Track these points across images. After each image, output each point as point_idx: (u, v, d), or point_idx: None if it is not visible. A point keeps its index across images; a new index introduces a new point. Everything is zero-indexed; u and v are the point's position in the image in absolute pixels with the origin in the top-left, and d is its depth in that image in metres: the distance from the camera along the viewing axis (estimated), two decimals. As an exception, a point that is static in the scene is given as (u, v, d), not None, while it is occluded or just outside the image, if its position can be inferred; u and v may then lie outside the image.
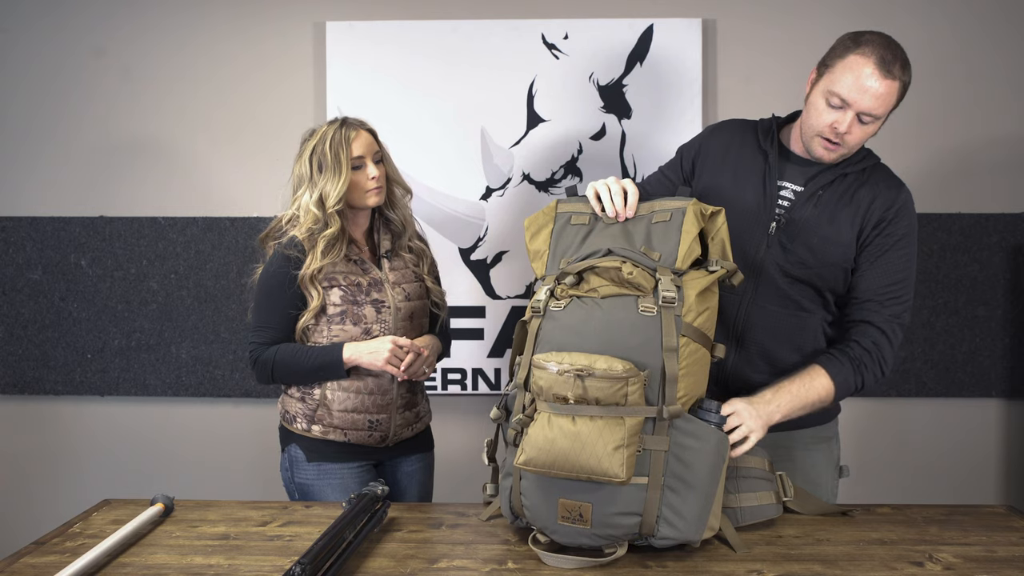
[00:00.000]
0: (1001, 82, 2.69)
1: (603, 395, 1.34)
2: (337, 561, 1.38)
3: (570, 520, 1.40)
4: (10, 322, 2.82)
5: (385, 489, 1.64)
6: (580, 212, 1.60)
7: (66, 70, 2.79)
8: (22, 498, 2.88)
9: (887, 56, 1.56)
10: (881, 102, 1.58)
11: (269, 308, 1.88)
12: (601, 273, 1.46)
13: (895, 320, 1.66)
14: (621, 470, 1.32)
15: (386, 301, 1.91)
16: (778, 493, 1.58)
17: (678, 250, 1.47)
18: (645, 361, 1.38)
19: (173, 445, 2.83)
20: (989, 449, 2.75)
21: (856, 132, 1.61)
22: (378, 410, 1.91)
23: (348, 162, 1.85)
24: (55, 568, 1.39)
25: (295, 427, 1.92)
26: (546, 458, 1.36)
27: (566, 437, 1.35)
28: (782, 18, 2.72)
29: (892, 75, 1.56)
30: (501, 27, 2.69)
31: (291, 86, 2.76)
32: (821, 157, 1.66)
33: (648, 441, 1.37)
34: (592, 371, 1.34)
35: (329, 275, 1.87)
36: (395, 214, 1.99)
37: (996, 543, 1.42)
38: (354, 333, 1.88)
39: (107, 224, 2.79)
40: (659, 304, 1.40)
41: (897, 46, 1.60)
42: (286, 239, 1.87)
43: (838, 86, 1.58)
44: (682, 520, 1.38)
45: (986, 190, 2.70)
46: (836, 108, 1.59)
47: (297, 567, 1.26)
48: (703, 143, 1.83)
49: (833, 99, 1.59)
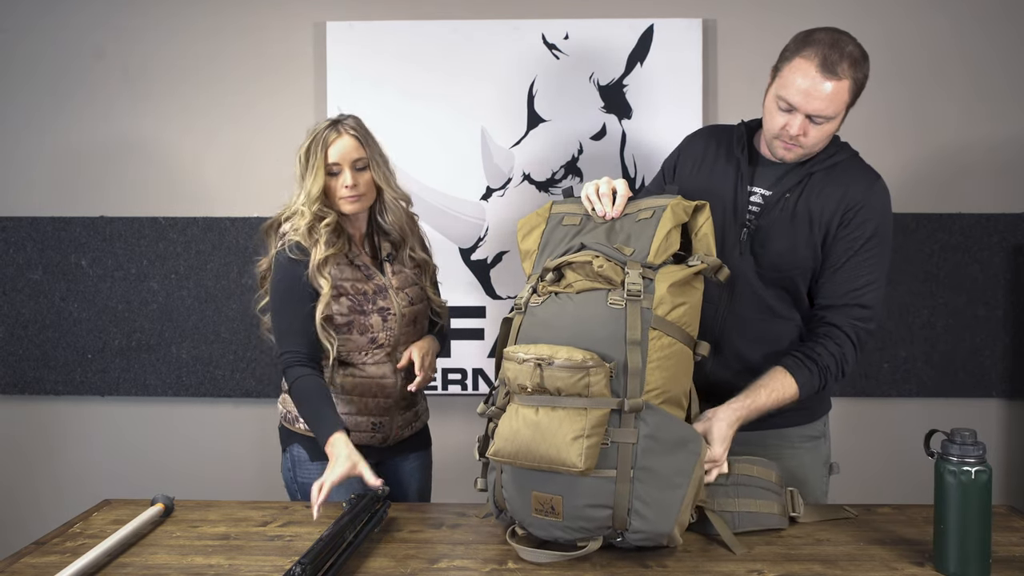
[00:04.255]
0: (1001, 82, 2.69)
1: (563, 384, 1.36)
2: (337, 561, 1.38)
3: (543, 513, 1.41)
4: (10, 322, 2.82)
5: (386, 489, 1.64)
6: (573, 213, 1.61)
7: (66, 70, 2.79)
8: (22, 498, 2.88)
9: (832, 56, 1.53)
10: (829, 103, 1.55)
11: (287, 314, 1.84)
12: (577, 268, 1.48)
13: (861, 326, 1.64)
14: (579, 460, 1.33)
15: (391, 308, 1.89)
16: (785, 507, 1.56)
17: (651, 245, 1.47)
18: (612, 354, 1.39)
19: (173, 445, 2.83)
20: (989, 449, 2.73)
21: (811, 133, 1.59)
22: (380, 412, 1.91)
23: (323, 167, 1.82)
24: (55, 568, 1.39)
25: (298, 427, 1.92)
26: (511, 448, 1.39)
27: (528, 427, 1.37)
28: (782, 18, 2.72)
29: (838, 75, 1.53)
30: (501, 27, 2.69)
31: (291, 86, 2.76)
32: (783, 158, 1.65)
33: (616, 434, 1.37)
34: (552, 360, 1.36)
35: (337, 282, 1.84)
36: (387, 220, 1.93)
37: (996, 543, 1.41)
38: (360, 343, 1.87)
39: (107, 224, 2.79)
40: (626, 297, 1.41)
41: (846, 43, 1.57)
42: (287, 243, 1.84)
43: (784, 90, 1.57)
44: (651, 510, 1.38)
45: (986, 190, 2.70)
46: (786, 111, 1.58)
47: (297, 567, 1.26)
48: (681, 153, 1.85)
49: (781, 103, 1.58)
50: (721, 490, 1.52)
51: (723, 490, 1.51)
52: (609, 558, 1.44)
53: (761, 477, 1.55)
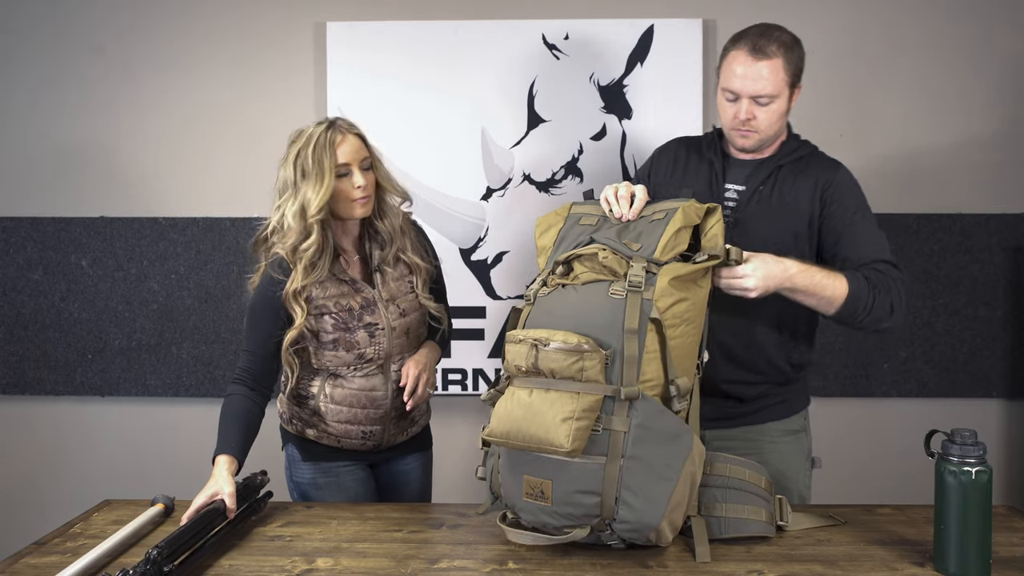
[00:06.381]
0: (1002, 82, 2.69)
1: (557, 367, 1.39)
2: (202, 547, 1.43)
3: (533, 497, 1.43)
4: (11, 322, 2.82)
5: (266, 479, 1.70)
6: (590, 214, 1.65)
7: (67, 70, 2.79)
8: (23, 498, 2.88)
9: (760, 42, 1.70)
10: (767, 82, 1.70)
11: (253, 332, 1.81)
12: (584, 261, 1.52)
13: (897, 274, 1.72)
14: (567, 441, 1.34)
15: (379, 323, 1.82)
16: (772, 514, 1.56)
17: (659, 242, 1.50)
18: (609, 341, 1.41)
19: (173, 445, 2.83)
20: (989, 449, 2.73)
21: (761, 115, 1.72)
22: (371, 422, 1.87)
23: (332, 169, 1.72)
24: (56, 568, 1.39)
25: (291, 427, 1.92)
26: (503, 428, 1.41)
27: (521, 407, 1.40)
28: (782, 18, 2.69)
29: (768, 55, 1.69)
30: (501, 27, 2.69)
31: (292, 87, 2.76)
32: (743, 146, 1.78)
33: (608, 421, 1.38)
34: (548, 342, 1.39)
35: (319, 302, 1.79)
36: (384, 224, 1.85)
37: (996, 543, 1.41)
38: (347, 359, 1.81)
39: (108, 224, 2.79)
40: (627, 288, 1.44)
41: (775, 30, 1.74)
42: (273, 258, 1.79)
43: (725, 82, 1.74)
44: (639, 500, 1.38)
45: (986, 190, 2.70)
46: (732, 101, 1.74)
47: (154, 551, 1.30)
48: (653, 164, 1.94)
49: (727, 94, 1.74)
50: (709, 493, 1.51)
51: (711, 493, 1.51)
52: (609, 558, 1.45)
53: (751, 482, 1.55)
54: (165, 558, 1.31)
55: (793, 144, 1.83)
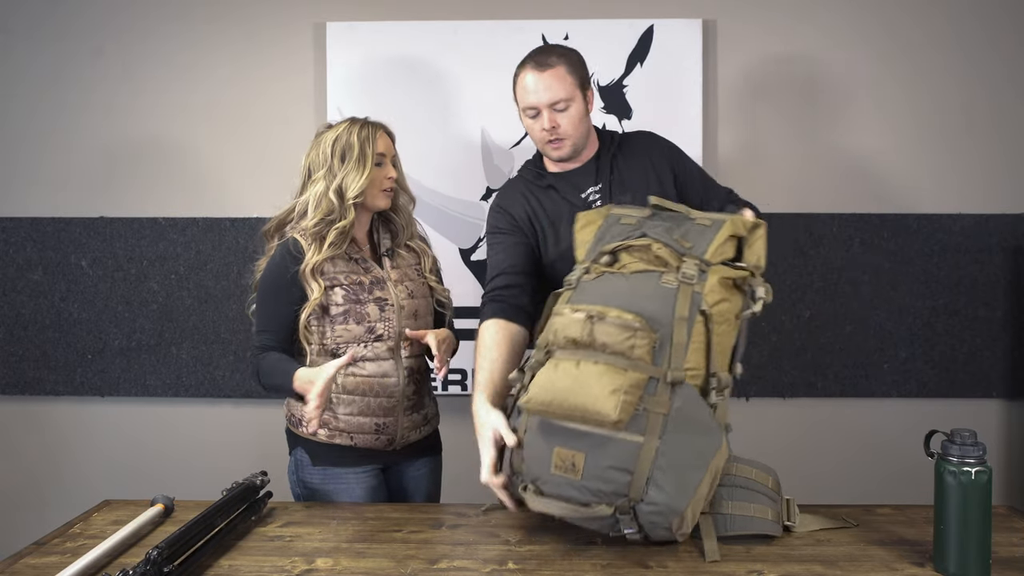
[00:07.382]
0: (1001, 82, 2.69)
1: (611, 340, 1.40)
2: (203, 548, 1.42)
3: (563, 470, 1.43)
4: (10, 322, 2.82)
5: (266, 480, 1.69)
6: (630, 215, 1.68)
7: (66, 70, 2.79)
8: (22, 498, 2.88)
9: (540, 57, 1.87)
10: (556, 89, 1.84)
11: (271, 309, 1.86)
12: (633, 251, 1.55)
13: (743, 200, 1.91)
14: (615, 411, 1.34)
15: (389, 299, 1.90)
16: (779, 514, 1.56)
17: (710, 246, 1.53)
18: (657, 327, 1.43)
19: (173, 445, 2.83)
20: (989, 450, 2.73)
21: (563, 121, 1.85)
22: (384, 413, 1.90)
23: (373, 156, 1.88)
24: (56, 569, 1.39)
25: (301, 430, 1.91)
26: (545, 396, 1.41)
27: (567, 377, 1.40)
28: (782, 18, 2.72)
29: (549, 64, 1.84)
30: (502, 27, 2.69)
31: (292, 87, 2.76)
32: (561, 156, 1.90)
33: (648, 401, 1.38)
34: (604, 316, 1.41)
35: (331, 275, 1.86)
36: (397, 217, 2.00)
37: (997, 543, 1.41)
38: (358, 332, 1.87)
39: (107, 225, 2.79)
40: (679, 279, 1.47)
41: (553, 46, 1.92)
42: (286, 239, 1.87)
43: (523, 102, 1.88)
44: (670, 483, 1.38)
45: (986, 190, 2.70)
46: (535, 117, 1.88)
47: (154, 551, 1.29)
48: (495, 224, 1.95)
49: (528, 112, 1.88)
50: (717, 491, 1.51)
51: (718, 491, 1.51)
52: (609, 558, 1.45)
53: (758, 481, 1.55)
54: (165, 558, 1.31)
55: (605, 137, 1.97)
